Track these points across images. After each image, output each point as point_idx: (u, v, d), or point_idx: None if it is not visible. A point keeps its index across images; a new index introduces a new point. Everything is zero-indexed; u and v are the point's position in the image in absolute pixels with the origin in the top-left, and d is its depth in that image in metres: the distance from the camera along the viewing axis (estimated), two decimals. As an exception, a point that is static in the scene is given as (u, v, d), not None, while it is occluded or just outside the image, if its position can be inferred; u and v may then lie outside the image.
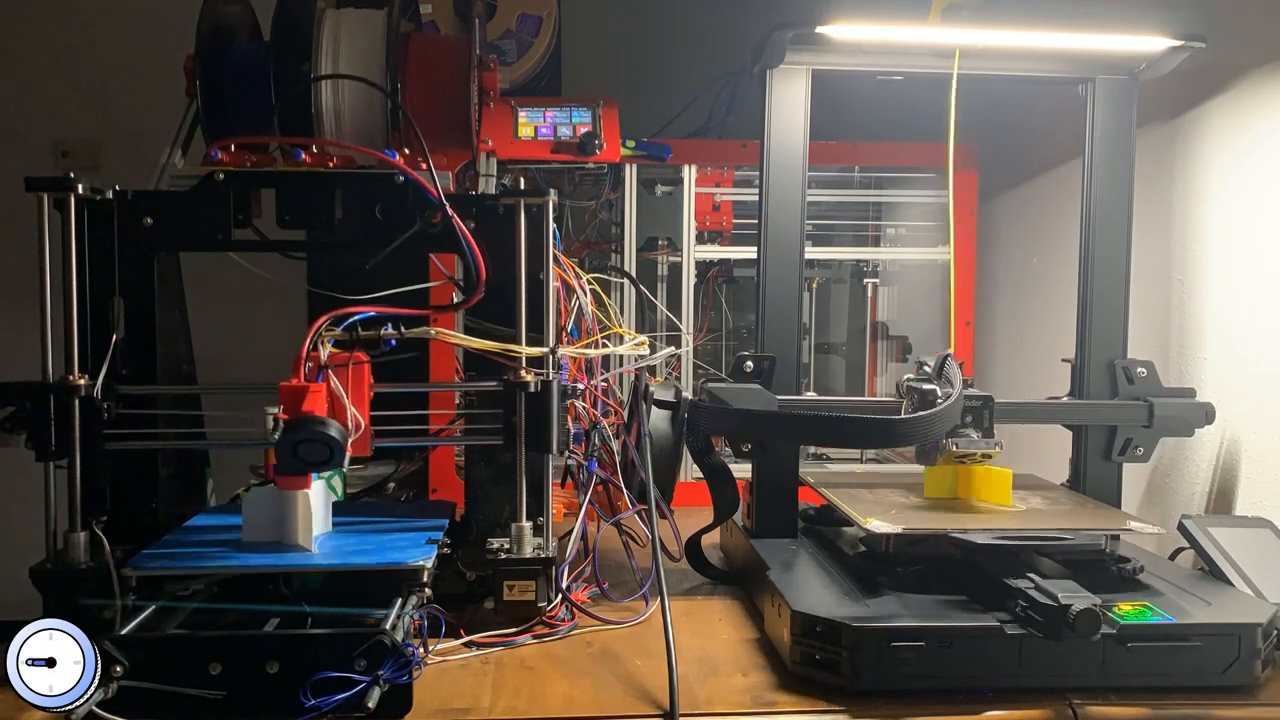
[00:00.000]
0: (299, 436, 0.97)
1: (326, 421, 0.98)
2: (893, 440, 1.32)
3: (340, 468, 1.00)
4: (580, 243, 1.88)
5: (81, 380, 1.03)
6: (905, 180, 1.94)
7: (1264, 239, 1.30)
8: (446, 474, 1.56)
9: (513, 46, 1.96)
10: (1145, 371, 1.32)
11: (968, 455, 1.19)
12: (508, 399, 1.09)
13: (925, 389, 1.20)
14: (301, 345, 1.00)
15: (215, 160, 1.10)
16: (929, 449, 1.20)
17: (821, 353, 2.15)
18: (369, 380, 1.05)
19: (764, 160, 1.31)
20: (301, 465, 0.99)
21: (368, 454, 1.05)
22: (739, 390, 1.27)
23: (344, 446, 0.98)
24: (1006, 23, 1.24)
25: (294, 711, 0.86)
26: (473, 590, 1.14)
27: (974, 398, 1.21)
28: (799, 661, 0.99)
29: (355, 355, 1.03)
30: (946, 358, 1.21)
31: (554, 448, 1.10)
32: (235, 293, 1.55)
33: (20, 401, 1.02)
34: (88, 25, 2.34)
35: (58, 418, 1.02)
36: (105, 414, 1.05)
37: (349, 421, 1.01)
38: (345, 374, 1.02)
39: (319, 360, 1.01)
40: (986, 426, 1.21)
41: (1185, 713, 0.94)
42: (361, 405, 1.03)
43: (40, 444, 1.02)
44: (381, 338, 1.04)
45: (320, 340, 1.02)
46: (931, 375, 1.22)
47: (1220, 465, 1.37)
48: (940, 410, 1.13)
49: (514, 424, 1.09)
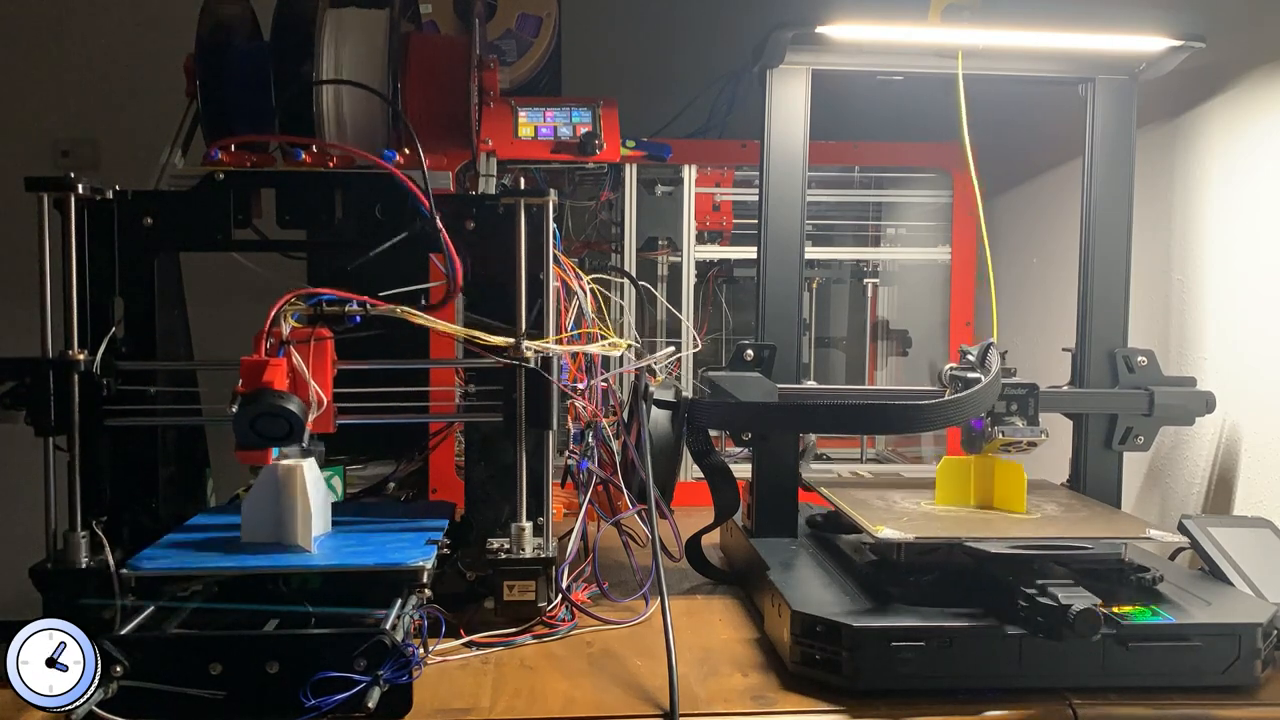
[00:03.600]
0: (257, 410, 0.96)
1: (285, 395, 0.97)
2: (924, 426, 1.30)
3: (300, 443, 0.99)
4: (580, 243, 1.88)
5: (81, 355, 1.03)
6: (905, 180, 1.94)
7: (1264, 238, 1.30)
8: (446, 474, 1.56)
9: (513, 46, 1.97)
10: (1146, 360, 1.32)
11: (1014, 444, 1.19)
12: (507, 376, 1.09)
13: (970, 378, 1.20)
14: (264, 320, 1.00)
15: (215, 160, 1.10)
16: (975, 437, 1.20)
17: (822, 346, 2.15)
18: (332, 357, 1.04)
19: (764, 160, 1.31)
20: (260, 440, 0.97)
21: (330, 430, 1.05)
22: (739, 379, 1.26)
23: (303, 421, 0.97)
24: (1006, 23, 1.24)
25: (294, 711, 0.86)
26: (473, 590, 1.14)
27: (1018, 385, 1.21)
28: (799, 661, 0.99)
29: (318, 331, 1.02)
30: (989, 346, 1.21)
31: (553, 424, 1.10)
32: (235, 293, 1.54)
33: (20, 377, 1.02)
34: (88, 25, 2.34)
35: (57, 393, 1.02)
36: (105, 390, 1.05)
37: (310, 396, 1.00)
38: (307, 350, 1.01)
39: (280, 335, 1.00)
40: (1031, 415, 1.21)
41: (1185, 713, 0.94)
42: (324, 381, 1.02)
43: (40, 419, 1.02)
44: (346, 314, 1.03)
45: (283, 316, 1.01)
46: (975, 364, 1.22)
47: (1219, 464, 1.37)
48: (964, 396, 1.12)
49: (514, 400, 1.09)
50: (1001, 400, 1.20)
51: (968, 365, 1.23)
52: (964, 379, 1.21)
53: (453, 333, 1.07)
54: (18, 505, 1.36)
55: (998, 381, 1.18)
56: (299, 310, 1.02)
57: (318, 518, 1.06)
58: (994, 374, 1.16)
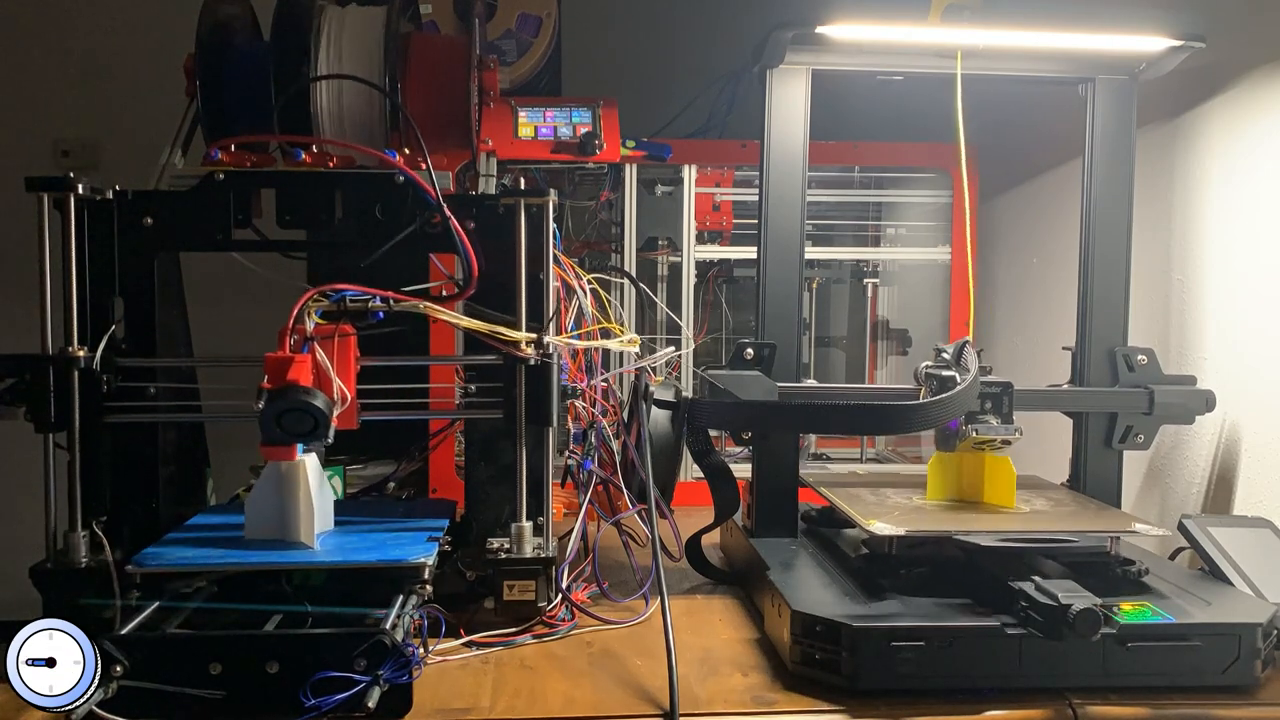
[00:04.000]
0: (283, 406, 0.96)
1: (311, 391, 0.97)
2: (907, 426, 1.30)
3: (325, 439, 0.99)
4: (580, 243, 1.88)
5: (81, 352, 1.04)
6: (905, 180, 1.94)
7: (1264, 238, 1.30)
8: (446, 474, 1.56)
9: (513, 46, 1.96)
10: (1145, 359, 1.32)
11: (987, 442, 1.19)
12: (508, 373, 1.09)
13: (944, 375, 1.20)
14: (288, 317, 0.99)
15: (215, 160, 1.10)
16: (948, 435, 1.20)
17: (822, 345, 2.15)
18: (355, 353, 1.04)
19: (764, 160, 1.31)
20: (286, 436, 0.97)
21: (354, 427, 1.05)
22: (739, 377, 1.26)
23: (329, 417, 0.97)
24: (1006, 23, 1.24)
25: (294, 711, 0.86)
26: (473, 590, 1.14)
27: (993, 384, 1.21)
28: (799, 661, 0.99)
29: (341, 327, 1.02)
30: (965, 344, 1.21)
31: (553, 420, 1.10)
32: (235, 293, 1.55)
33: (20, 373, 1.02)
34: (88, 25, 2.34)
35: (57, 389, 1.02)
36: (105, 386, 1.05)
37: (335, 393, 1.00)
38: (331, 346, 1.01)
39: (304, 333, 1.00)
40: (1006, 412, 1.21)
41: (1185, 713, 0.94)
42: (348, 378, 1.02)
43: (40, 416, 1.02)
44: (369, 309, 1.03)
45: (307, 313, 1.01)
46: (950, 362, 1.22)
47: (1219, 465, 1.37)
48: (954, 395, 1.12)
49: (514, 397, 1.09)
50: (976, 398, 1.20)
51: (942, 364, 1.23)
52: (938, 377, 1.21)
53: (475, 328, 1.07)
54: (18, 506, 1.36)
55: (978, 380, 1.18)
56: (323, 306, 1.02)
57: (320, 515, 1.06)
58: (974, 373, 1.16)
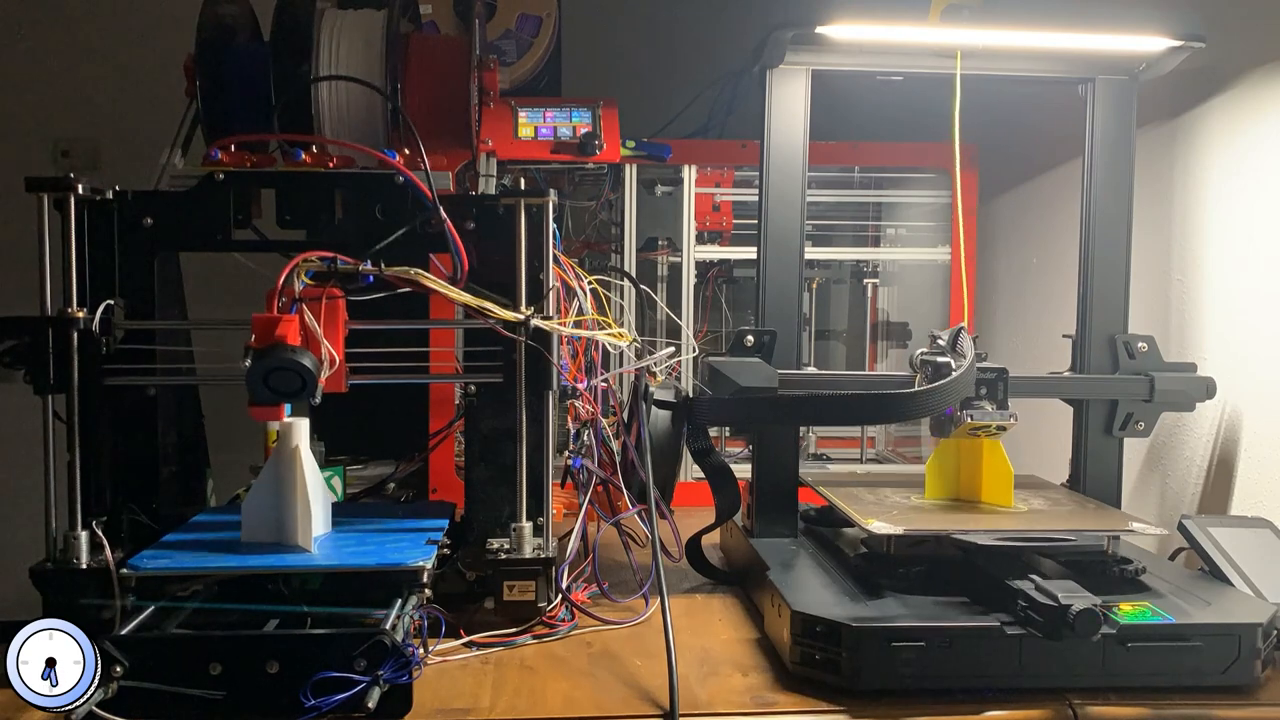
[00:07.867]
0: (271, 364, 0.95)
1: (299, 350, 0.96)
2: (905, 414, 1.30)
3: (312, 399, 0.98)
4: (580, 243, 1.88)
5: (80, 313, 1.03)
6: (905, 180, 1.94)
7: (1264, 239, 1.30)
8: (446, 474, 1.56)
9: (513, 46, 1.96)
10: (1146, 346, 1.32)
11: (983, 428, 1.19)
12: (508, 338, 1.09)
13: (940, 362, 1.19)
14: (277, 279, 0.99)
15: (215, 160, 1.10)
16: (944, 422, 1.20)
17: (822, 339, 2.14)
18: (344, 316, 1.03)
19: (764, 160, 1.31)
20: (273, 395, 0.96)
21: (342, 389, 1.04)
22: (739, 365, 1.26)
23: (316, 376, 0.97)
24: (1006, 23, 1.24)
25: (294, 711, 0.86)
26: (473, 590, 1.14)
27: (988, 369, 1.20)
28: (799, 661, 0.99)
29: (329, 290, 1.02)
30: (960, 330, 1.21)
31: (554, 385, 1.10)
32: (235, 293, 1.54)
33: (20, 335, 1.02)
34: (88, 25, 2.33)
35: (57, 351, 1.02)
36: (104, 348, 1.05)
37: (323, 354, 1.00)
38: (319, 308, 1.01)
39: (293, 294, 1.00)
40: (1001, 399, 1.21)
41: (1185, 713, 0.94)
42: (336, 340, 1.02)
43: (39, 377, 1.02)
44: (360, 273, 1.03)
45: (297, 274, 1.00)
46: (945, 348, 1.22)
47: (1216, 463, 1.37)
48: (951, 381, 1.12)
49: (514, 361, 1.09)
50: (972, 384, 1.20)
51: (937, 350, 1.23)
52: (934, 363, 1.20)
53: (465, 301, 1.07)
54: (18, 506, 1.36)
55: (975, 366, 1.17)
56: (313, 267, 1.02)
57: (318, 518, 1.06)
58: (970, 358, 1.16)
